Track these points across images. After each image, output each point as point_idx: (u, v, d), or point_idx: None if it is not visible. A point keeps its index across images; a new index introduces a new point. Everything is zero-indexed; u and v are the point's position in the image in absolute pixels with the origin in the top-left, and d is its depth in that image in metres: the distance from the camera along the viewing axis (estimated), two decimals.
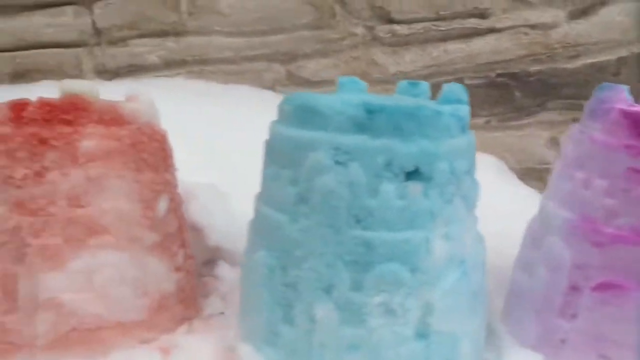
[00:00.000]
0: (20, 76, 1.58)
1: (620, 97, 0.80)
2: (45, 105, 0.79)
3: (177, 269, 0.90)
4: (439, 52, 1.61)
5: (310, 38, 1.61)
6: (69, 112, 0.80)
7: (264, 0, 1.59)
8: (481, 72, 1.64)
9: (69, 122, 0.79)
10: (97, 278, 0.78)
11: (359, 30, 1.60)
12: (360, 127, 0.69)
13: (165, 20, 1.60)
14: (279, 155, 0.75)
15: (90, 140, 0.80)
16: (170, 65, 1.62)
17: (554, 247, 0.81)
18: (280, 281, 0.74)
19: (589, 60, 1.64)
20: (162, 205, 0.88)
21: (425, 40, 1.62)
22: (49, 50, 1.58)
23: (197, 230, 1.10)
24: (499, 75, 1.63)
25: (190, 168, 1.06)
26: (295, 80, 1.63)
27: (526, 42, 1.61)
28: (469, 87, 1.58)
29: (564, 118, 1.67)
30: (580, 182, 0.79)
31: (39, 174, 0.77)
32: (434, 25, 1.61)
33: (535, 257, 0.85)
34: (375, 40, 1.60)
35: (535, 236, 0.87)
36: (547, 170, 1.57)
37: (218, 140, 1.49)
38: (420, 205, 0.69)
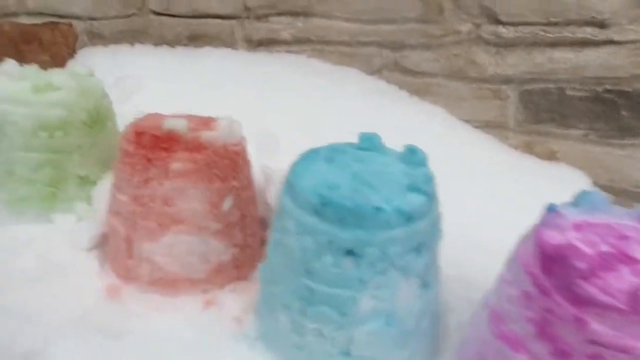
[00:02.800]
0: (193, 39, 2.04)
1: None
2: (154, 136, 1.21)
3: (235, 245, 1.31)
4: (543, 59, 1.57)
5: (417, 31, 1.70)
6: (166, 142, 1.21)
7: None
8: (587, 84, 1.56)
9: (165, 149, 1.21)
10: (175, 250, 1.24)
11: (465, 27, 1.63)
12: (315, 211, 0.96)
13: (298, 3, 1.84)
14: None
15: (178, 162, 1.21)
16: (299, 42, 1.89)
17: None
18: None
19: None
20: (227, 203, 1.28)
21: (532, 45, 1.58)
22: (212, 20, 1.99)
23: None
24: (606, 91, 1.53)
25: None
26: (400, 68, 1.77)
27: None
28: (570, 98, 1.59)
29: None
30: None
31: (146, 181, 1.22)
32: (543, 30, 1.55)
33: None
34: (480, 39, 1.62)
35: None
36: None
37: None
38: (351, 273, 0.96)
